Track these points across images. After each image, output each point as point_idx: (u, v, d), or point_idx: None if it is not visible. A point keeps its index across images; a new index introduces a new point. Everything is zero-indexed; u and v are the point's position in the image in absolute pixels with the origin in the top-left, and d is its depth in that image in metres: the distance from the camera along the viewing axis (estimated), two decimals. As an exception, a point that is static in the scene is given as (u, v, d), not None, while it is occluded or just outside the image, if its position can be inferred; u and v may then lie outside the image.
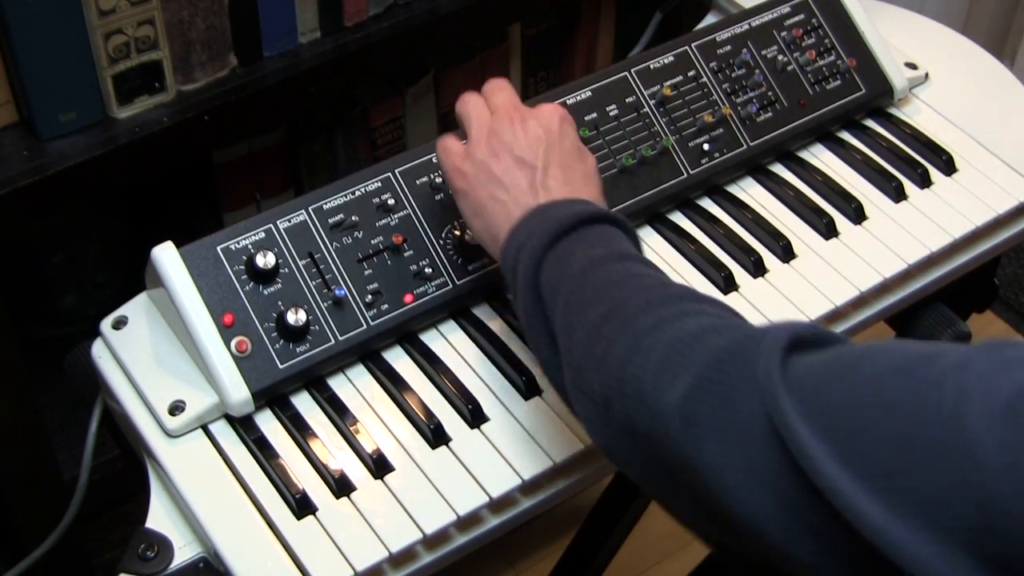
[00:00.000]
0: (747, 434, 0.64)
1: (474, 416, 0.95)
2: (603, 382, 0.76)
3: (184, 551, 0.89)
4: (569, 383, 0.81)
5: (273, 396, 0.95)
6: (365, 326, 0.98)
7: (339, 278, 0.98)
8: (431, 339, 1.01)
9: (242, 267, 0.95)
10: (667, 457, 0.70)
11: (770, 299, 1.05)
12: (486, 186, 0.92)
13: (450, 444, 0.94)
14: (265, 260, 0.95)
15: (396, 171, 1.02)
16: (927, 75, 1.26)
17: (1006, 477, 0.53)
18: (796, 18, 1.21)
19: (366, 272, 0.99)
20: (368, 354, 0.99)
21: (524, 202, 0.90)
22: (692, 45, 1.16)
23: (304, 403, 0.96)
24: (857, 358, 0.64)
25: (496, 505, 0.91)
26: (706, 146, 1.13)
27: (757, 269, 1.08)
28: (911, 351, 0.62)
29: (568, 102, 1.10)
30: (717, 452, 0.65)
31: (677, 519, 0.76)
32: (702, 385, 0.68)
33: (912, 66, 1.26)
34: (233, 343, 0.93)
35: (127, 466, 1.03)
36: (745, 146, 1.15)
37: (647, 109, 1.12)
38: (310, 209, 0.99)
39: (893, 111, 1.24)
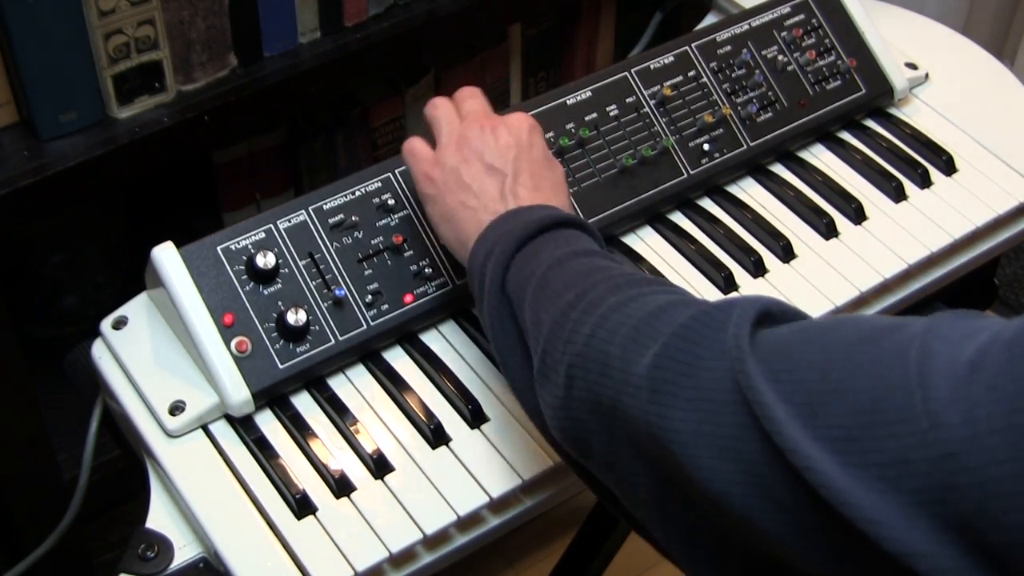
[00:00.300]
0: (714, 400, 0.64)
1: (474, 416, 0.95)
2: (569, 361, 0.75)
3: (184, 551, 0.89)
4: (536, 373, 0.80)
5: (273, 396, 0.95)
6: (365, 326, 0.98)
7: (339, 278, 0.98)
8: (431, 339, 1.01)
9: (242, 267, 0.95)
10: (633, 431, 0.69)
11: (770, 299, 1.05)
12: (456, 192, 0.92)
13: (450, 444, 0.94)
14: (265, 260, 0.95)
15: (396, 171, 1.02)
16: (927, 75, 1.26)
17: (966, 433, 0.53)
18: (796, 18, 1.21)
19: (366, 272, 0.99)
20: (368, 354, 0.99)
21: (494, 208, 0.90)
22: (692, 45, 1.16)
23: (304, 403, 0.96)
24: (825, 329, 0.64)
25: (496, 505, 0.91)
26: (706, 146, 1.13)
27: (757, 269, 1.08)
28: (879, 322, 0.62)
29: (568, 102, 1.10)
30: (684, 419, 0.65)
31: (638, 517, 0.75)
32: (670, 353, 0.68)
33: (912, 66, 1.26)
34: (233, 343, 0.93)
35: (127, 466, 1.04)
36: (745, 146, 1.15)
37: (647, 109, 1.12)
38: (310, 209, 0.99)
39: (893, 111, 1.24)
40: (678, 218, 1.12)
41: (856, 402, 0.58)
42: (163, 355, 0.96)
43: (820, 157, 1.19)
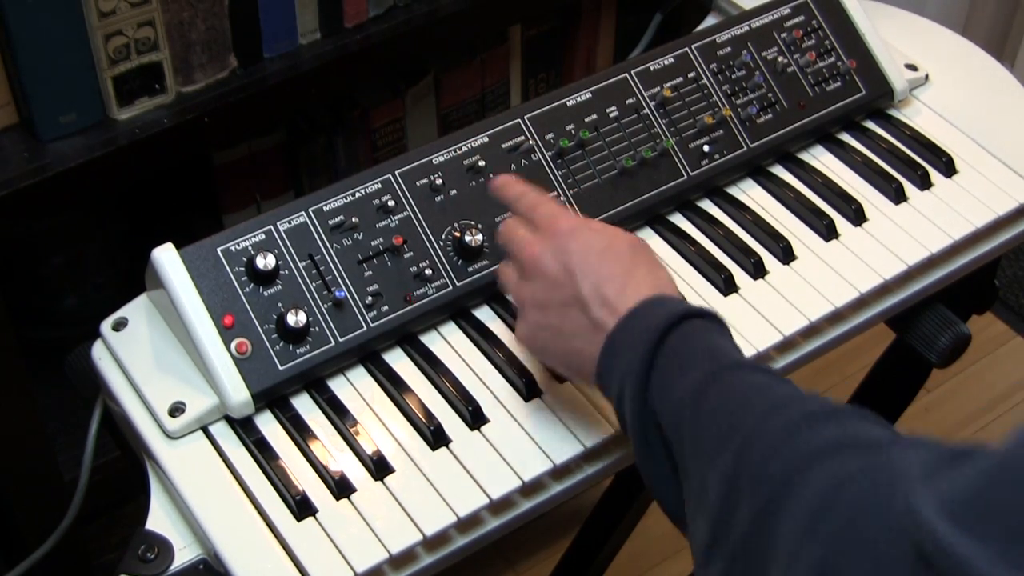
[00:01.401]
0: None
1: (474, 417, 0.95)
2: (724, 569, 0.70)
3: (184, 552, 0.89)
4: (704, 548, 0.73)
5: (273, 397, 0.95)
6: (365, 327, 0.98)
7: (339, 279, 0.98)
8: (431, 340, 1.01)
9: (242, 268, 0.95)
10: None
11: (770, 301, 1.05)
12: (556, 346, 0.90)
13: (450, 445, 0.94)
14: (265, 261, 0.95)
15: (396, 172, 1.02)
16: (927, 76, 1.26)
17: None
18: (796, 19, 1.21)
19: (366, 273, 0.99)
20: (368, 355, 0.99)
21: (596, 339, 0.85)
22: (692, 46, 1.16)
23: (304, 404, 0.96)
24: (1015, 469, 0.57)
25: (496, 506, 0.91)
26: (706, 147, 1.13)
27: (757, 271, 1.08)
28: None
29: (568, 103, 1.10)
30: None
31: None
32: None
33: (912, 67, 1.26)
34: (233, 344, 0.93)
35: (127, 467, 1.03)
36: (745, 147, 1.15)
37: (647, 110, 1.12)
38: (310, 211, 0.99)
39: (893, 112, 1.24)
40: (678, 219, 1.12)
41: None
42: (163, 356, 0.96)
43: (820, 158, 1.19)
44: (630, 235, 0.93)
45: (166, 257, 0.94)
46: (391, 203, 1.01)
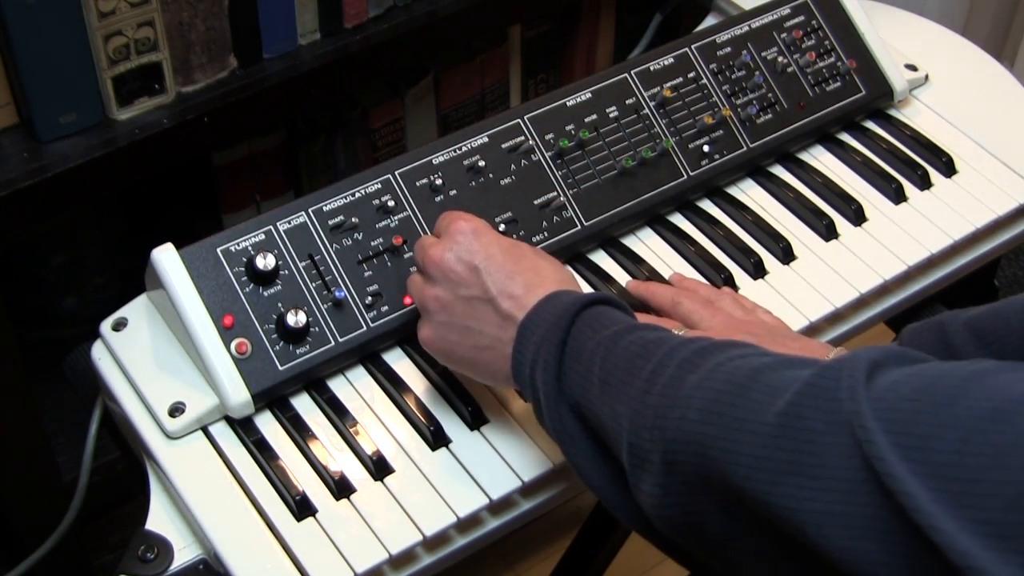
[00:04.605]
0: (844, 479, 0.61)
1: (474, 418, 0.95)
2: (664, 447, 0.71)
3: (184, 553, 0.89)
4: (628, 467, 0.75)
5: (273, 398, 0.95)
6: (365, 328, 0.98)
7: (339, 280, 0.98)
8: (431, 341, 1.01)
9: (242, 269, 0.95)
10: (756, 510, 0.66)
11: (770, 301, 1.04)
12: (462, 345, 0.89)
13: (450, 446, 0.94)
14: (265, 262, 0.95)
15: (396, 173, 1.02)
16: (927, 77, 1.26)
17: None
18: (796, 20, 1.21)
19: (366, 274, 0.99)
20: (368, 356, 0.99)
21: (505, 336, 0.86)
22: (692, 47, 1.16)
23: (304, 405, 0.96)
24: (948, 393, 0.60)
25: (496, 507, 0.91)
26: (706, 148, 1.13)
27: (757, 271, 1.08)
28: (1005, 390, 0.59)
29: (568, 104, 1.10)
30: (814, 499, 0.62)
31: None
32: (785, 433, 0.64)
33: (912, 68, 1.26)
34: (233, 345, 0.93)
35: (127, 468, 1.04)
36: (745, 148, 1.15)
37: (647, 111, 1.12)
38: (310, 211, 0.99)
39: (893, 113, 1.24)
40: (678, 219, 1.13)
41: (1003, 495, 0.56)
42: (163, 357, 0.96)
43: (820, 159, 1.19)
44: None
45: (166, 257, 0.94)
46: (391, 203, 1.01)
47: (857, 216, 1.13)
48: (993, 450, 0.57)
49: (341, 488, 0.90)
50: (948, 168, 1.18)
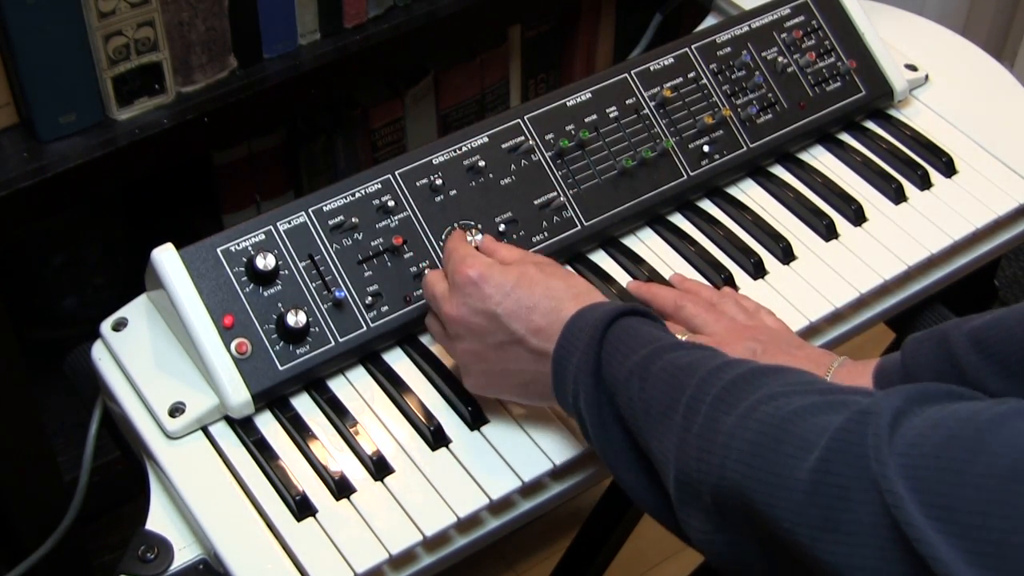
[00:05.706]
0: (879, 536, 0.62)
1: (474, 418, 0.95)
2: (712, 492, 0.72)
3: (184, 553, 0.89)
4: (676, 500, 0.77)
5: (273, 398, 0.95)
6: (365, 328, 0.98)
7: (339, 280, 0.98)
8: (431, 341, 1.01)
9: (242, 269, 0.95)
10: (801, 559, 0.67)
11: (770, 301, 1.04)
12: (500, 382, 0.91)
13: (450, 446, 0.94)
14: (265, 262, 0.95)
15: (396, 173, 1.02)
16: (927, 77, 1.26)
17: None
18: (796, 20, 1.21)
19: (366, 274, 0.99)
20: (368, 356, 0.99)
21: (542, 370, 0.87)
22: (692, 47, 1.16)
23: (304, 405, 0.96)
24: (970, 450, 0.61)
25: (496, 507, 0.91)
26: (706, 148, 1.13)
27: (757, 271, 1.08)
28: (1023, 445, 0.60)
29: (568, 104, 1.10)
30: (851, 555, 0.63)
31: None
32: (819, 490, 0.65)
33: (912, 68, 1.26)
34: (233, 345, 0.93)
35: (127, 468, 1.04)
36: (745, 148, 1.15)
37: (647, 111, 1.12)
38: (310, 211, 0.99)
39: (893, 113, 1.24)
40: (678, 219, 1.13)
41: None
42: (163, 357, 0.96)
43: (820, 159, 1.19)
44: (533, 255, 0.96)
45: (166, 257, 0.94)
46: (391, 203, 1.01)
47: (857, 216, 1.13)
48: (1015, 511, 0.58)
49: (341, 488, 0.90)
50: (948, 168, 1.18)
